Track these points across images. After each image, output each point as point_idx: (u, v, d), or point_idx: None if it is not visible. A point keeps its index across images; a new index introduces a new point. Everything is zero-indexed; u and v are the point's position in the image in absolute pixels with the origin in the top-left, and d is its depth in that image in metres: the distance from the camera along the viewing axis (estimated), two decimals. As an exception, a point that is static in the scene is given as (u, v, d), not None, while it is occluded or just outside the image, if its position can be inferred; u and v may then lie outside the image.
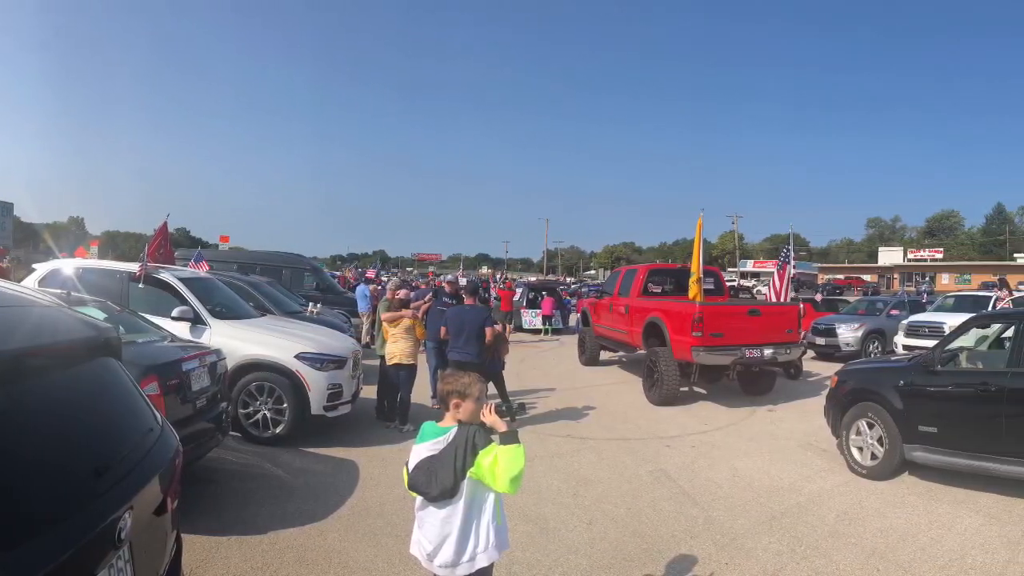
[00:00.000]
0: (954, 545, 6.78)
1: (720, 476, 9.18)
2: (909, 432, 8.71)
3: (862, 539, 6.96)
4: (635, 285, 17.73)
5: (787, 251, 18.87)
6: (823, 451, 10.36)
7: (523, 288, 35.14)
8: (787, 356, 14.66)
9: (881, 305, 25.94)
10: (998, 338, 10.13)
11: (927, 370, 8.84)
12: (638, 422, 12.59)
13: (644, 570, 6.25)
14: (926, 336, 19.53)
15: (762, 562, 6.41)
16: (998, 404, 7.98)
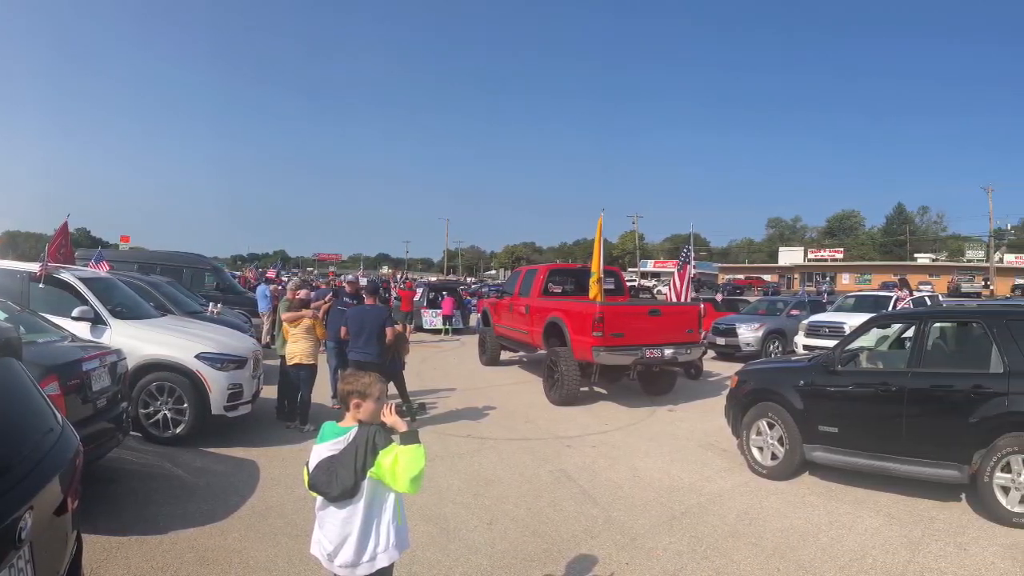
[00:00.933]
0: (854, 545, 6.89)
1: (620, 476, 9.27)
2: (809, 432, 8.89)
3: (762, 539, 7.06)
4: (535, 285, 17.75)
5: (687, 251, 19.08)
6: (723, 451, 10.51)
7: (424, 288, 35.24)
8: (687, 356, 14.81)
9: (781, 305, 26.33)
10: (898, 338, 10.30)
11: (827, 370, 9.00)
12: (539, 422, 12.69)
13: (544, 570, 6.30)
14: (826, 336, 19.82)
15: (662, 562, 6.47)
16: (898, 404, 8.17)
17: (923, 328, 8.66)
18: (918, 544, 6.89)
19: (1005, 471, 7.29)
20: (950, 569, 6.30)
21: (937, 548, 6.78)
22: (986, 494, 7.40)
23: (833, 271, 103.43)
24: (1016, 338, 7.77)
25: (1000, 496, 7.29)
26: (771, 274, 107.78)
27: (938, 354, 9.25)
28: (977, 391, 7.70)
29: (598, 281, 14.56)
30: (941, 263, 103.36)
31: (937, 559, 6.52)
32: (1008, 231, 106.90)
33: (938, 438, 7.95)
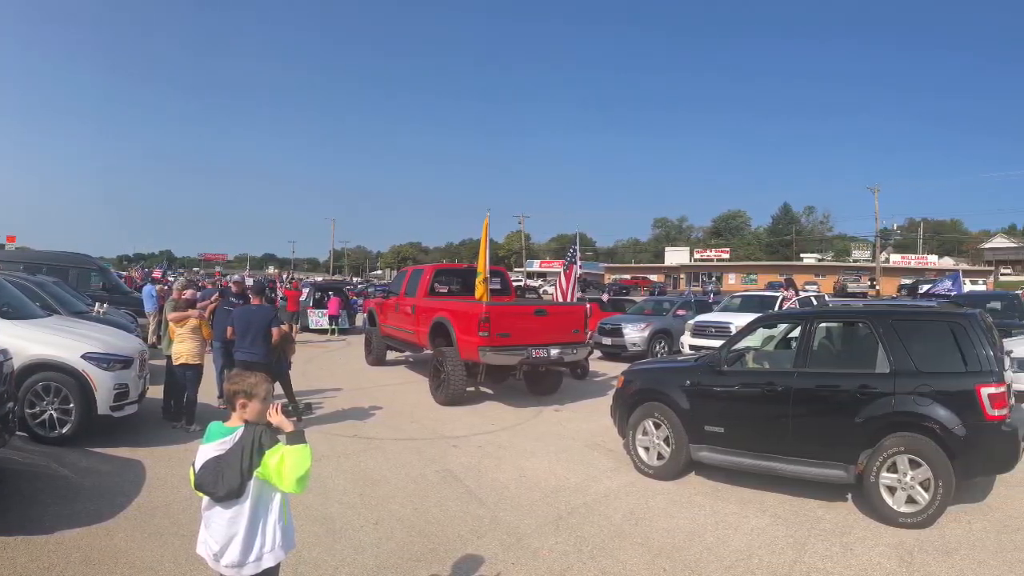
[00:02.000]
0: (740, 545, 6.97)
1: (507, 476, 9.32)
2: (695, 432, 8.98)
3: (649, 539, 7.11)
4: (422, 285, 17.67)
5: (574, 251, 19.10)
6: (610, 451, 10.55)
7: (310, 288, 35.02)
8: (574, 356, 14.80)
9: (668, 305, 26.37)
10: (785, 338, 10.50)
11: (714, 370, 9.09)
12: (425, 422, 12.69)
13: (431, 570, 6.33)
14: (712, 336, 19.93)
15: (548, 562, 6.50)
16: (784, 404, 8.32)
17: (809, 328, 8.78)
18: (804, 544, 6.99)
19: (891, 471, 7.51)
20: (836, 569, 6.40)
21: (823, 548, 6.87)
22: (872, 494, 7.58)
23: (719, 271, 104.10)
24: (902, 338, 7.94)
25: (886, 496, 7.50)
26: (657, 274, 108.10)
27: (824, 354, 9.45)
28: (863, 391, 7.88)
29: (484, 281, 14.67)
30: (827, 263, 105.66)
31: (823, 559, 6.61)
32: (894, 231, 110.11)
33: (824, 438, 8.10)
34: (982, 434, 7.31)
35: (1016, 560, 6.50)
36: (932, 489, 7.27)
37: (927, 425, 7.44)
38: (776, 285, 45.85)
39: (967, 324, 7.79)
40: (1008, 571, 6.29)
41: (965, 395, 7.40)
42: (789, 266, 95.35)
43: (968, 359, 7.54)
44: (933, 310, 8.95)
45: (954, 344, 7.69)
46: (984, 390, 7.29)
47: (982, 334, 7.68)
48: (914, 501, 7.40)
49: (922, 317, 8.44)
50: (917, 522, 7.28)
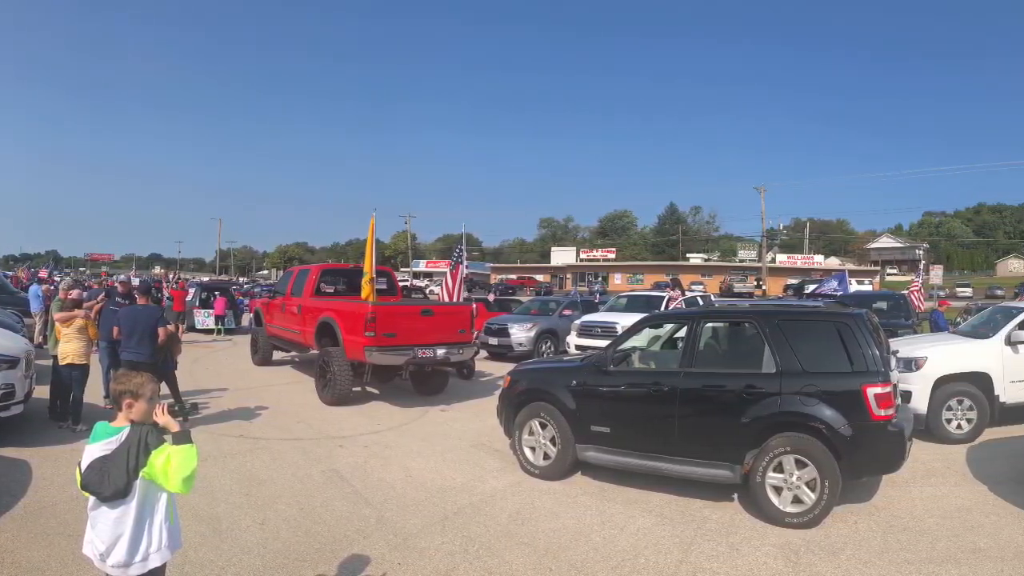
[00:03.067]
0: (627, 545, 6.96)
1: (393, 476, 9.27)
2: (582, 432, 8.95)
3: (535, 539, 7.10)
4: (308, 285, 17.58)
5: (460, 251, 19.35)
6: (496, 451, 10.55)
7: (196, 288, 34.65)
8: (460, 356, 14.85)
9: (554, 305, 26.33)
10: (671, 338, 10.44)
11: (600, 370, 9.04)
12: (311, 422, 12.59)
13: (317, 570, 6.28)
14: (599, 336, 19.90)
15: (435, 562, 6.49)
16: (671, 404, 8.33)
17: (695, 328, 8.77)
18: (690, 544, 6.99)
19: (777, 471, 7.57)
20: (722, 569, 6.42)
21: (709, 548, 6.89)
22: (758, 494, 7.61)
23: (606, 271, 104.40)
24: (788, 338, 7.99)
25: (772, 496, 7.55)
26: (543, 274, 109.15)
27: (710, 354, 9.47)
28: (749, 391, 7.92)
29: (370, 281, 14.60)
30: (714, 263, 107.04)
31: (709, 559, 6.63)
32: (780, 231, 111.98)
33: (710, 438, 8.14)
34: (868, 434, 7.40)
35: (902, 560, 6.56)
36: (818, 489, 7.33)
37: (813, 425, 7.49)
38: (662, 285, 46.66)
39: (853, 324, 7.87)
40: (894, 571, 6.34)
41: (851, 395, 7.47)
42: (675, 266, 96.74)
43: (854, 359, 7.61)
44: (819, 310, 9.02)
45: (840, 344, 7.75)
46: (870, 390, 7.37)
47: (868, 334, 7.76)
48: (800, 501, 7.44)
49: (808, 317, 8.51)
50: (803, 522, 7.33)
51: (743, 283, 79.42)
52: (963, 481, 9.09)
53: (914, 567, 6.40)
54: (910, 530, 7.30)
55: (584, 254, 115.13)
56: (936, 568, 6.37)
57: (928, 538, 7.08)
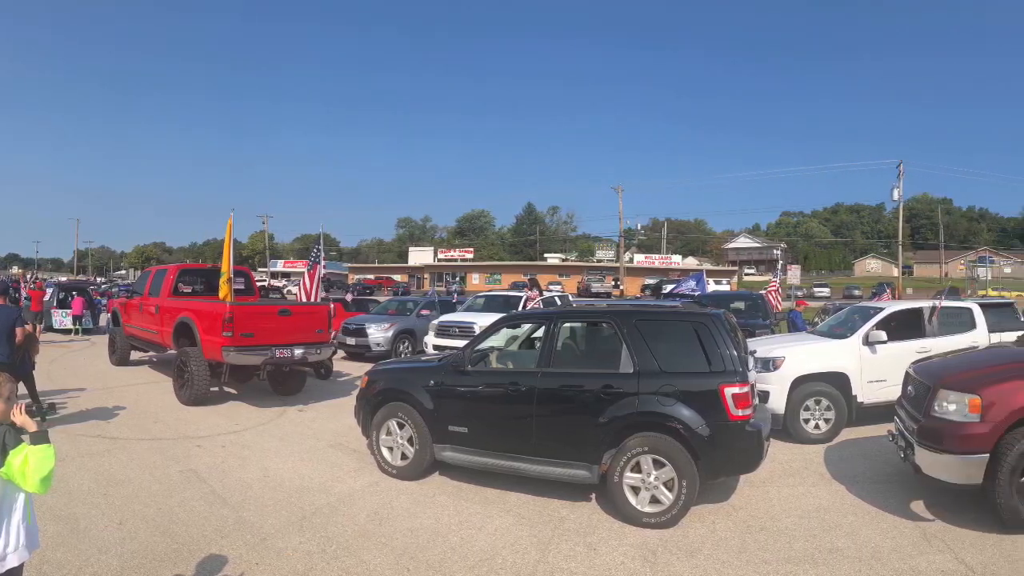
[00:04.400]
0: (484, 545, 6.89)
1: (251, 476, 9.12)
2: (439, 432, 8.83)
3: (392, 539, 7.01)
4: (165, 285, 17.32)
5: (317, 251, 18.88)
6: (354, 451, 10.42)
7: (53, 288, 34.26)
8: (317, 356, 14.69)
9: (411, 305, 26.28)
10: (529, 338, 10.40)
11: (457, 370, 8.91)
12: (169, 422, 12.34)
13: (175, 570, 6.15)
14: (456, 336, 19.77)
15: (292, 562, 6.39)
16: (528, 404, 8.23)
17: (553, 328, 8.68)
18: (548, 544, 6.93)
19: (635, 471, 7.51)
20: (580, 569, 6.35)
21: (567, 548, 6.82)
22: (616, 494, 7.54)
23: (463, 271, 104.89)
24: (646, 338, 7.93)
25: (630, 496, 7.49)
26: (401, 274, 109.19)
27: (568, 354, 9.43)
28: (607, 391, 7.83)
29: (228, 281, 14.16)
30: (571, 263, 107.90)
31: (567, 559, 6.56)
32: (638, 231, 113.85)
33: (568, 438, 8.03)
34: (726, 434, 7.38)
35: (759, 560, 6.53)
36: (676, 489, 7.32)
37: (671, 425, 7.45)
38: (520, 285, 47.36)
39: (711, 324, 7.85)
40: (752, 571, 6.31)
41: (709, 395, 7.46)
42: (533, 266, 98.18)
43: (712, 359, 7.60)
44: (677, 310, 8.94)
45: (698, 344, 7.73)
46: (728, 390, 7.38)
47: (726, 334, 7.76)
48: (658, 501, 7.40)
49: (666, 317, 8.43)
50: (661, 522, 7.30)
51: (601, 283, 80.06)
52: (821, 481, 9.11)
53: (772, 567, 6.38)
54: (768, 530, 7.27)
55: (442, 254, 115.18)
56: (794, 568, 6.36)
57: (786, 538, 7.06)
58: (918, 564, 6.40)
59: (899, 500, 8.15)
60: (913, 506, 7.93)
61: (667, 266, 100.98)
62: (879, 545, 6.87)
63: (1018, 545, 6.70)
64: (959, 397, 7.30)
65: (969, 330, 12.94)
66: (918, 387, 8.23)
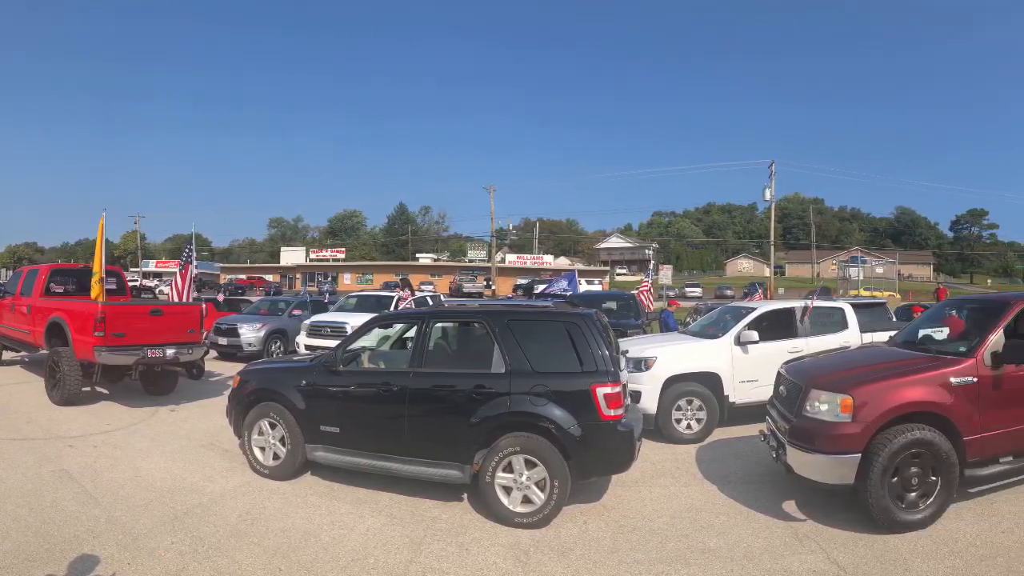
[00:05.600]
0: (356, 545, 6.84)
1: (122, 476, 8.93)
2: (311, 432, 8.74)
3: (264, 539, 6.93)
4: (37, 285, 16.96)
5: (189, 251, 18.63)
6: (226, 451, 10.27)
7: None
8: (189, 356, 14.56)
9: (283, 305, 26.18)
10: (401, 338, 10.37)
11: (329, 370, 8.83)
12: (41, 422, 12.08)
13: (46, 570, 6.02)
14: (328, 336, 19.73)
15: (164, 562, 6.29)
16: (400, 404, 8.17)
17: (425, 328, 8.64)
18: (420, 544, 6.89)
19: (507, 471, 7.51)
20: (452, 569, 6.32)
21: (439, 548, 6.80)
22: (488, 494, 7.53)
23: (335, 271, 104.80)
24: (518, 338, 7.92)
25: (502, 496, 7.49)
26: (273, 274, 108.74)
27: (441, 354, 9.32)
28: (479, 391, 7.80)
29: (100, 281, 13.95)
30: (443, 263, 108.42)
31: (439, 559, 6.53)
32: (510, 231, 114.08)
33: (440, 438, 8.01)
34: (598, 434, 7.39)
35: (631, 560, 6.52)
36: (548, 489, 7.34)
37: (543, 425, 7.45)
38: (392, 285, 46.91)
39: (582, 324, 7.84)
40: (624, 571, 6.30)
41: (581, 395, 7.46)
42: (405, 266, 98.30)
43: (584, 359, 7.61)
44: (549, 310, 8.96)
45: (570, 344, 7.73)
46: (600, 390, 7.39)
47: (598, 334, 7.77)
48: (530, 501, 7.41)
49: (538, 317, 8.43)
50: (533, 522, 7.30)
51: (473, 283, 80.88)
52: (693, 481, 9.14)
53: (644, 567, 6.37)
54: (640, 530, 7.26)
55: (314, 254, 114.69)
56: (666, 568, 6.35)
57: (658, 538, 7.04)
58: (790, 564, 6.41)
59: (771, 500, 8.18)
60: (785, 506, 7.97)
61: (539, 266, 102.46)
62: (751, 545, 6.88)
63: (889, 545, 6.76)
64: (831, 397, 7.36)
65: (841, 330, 13.16)
66: (790, 387, 8.30)
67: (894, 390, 7.31)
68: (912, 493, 7.16)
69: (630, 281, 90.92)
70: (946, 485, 7.21)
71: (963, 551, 6.58)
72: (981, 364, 7.58)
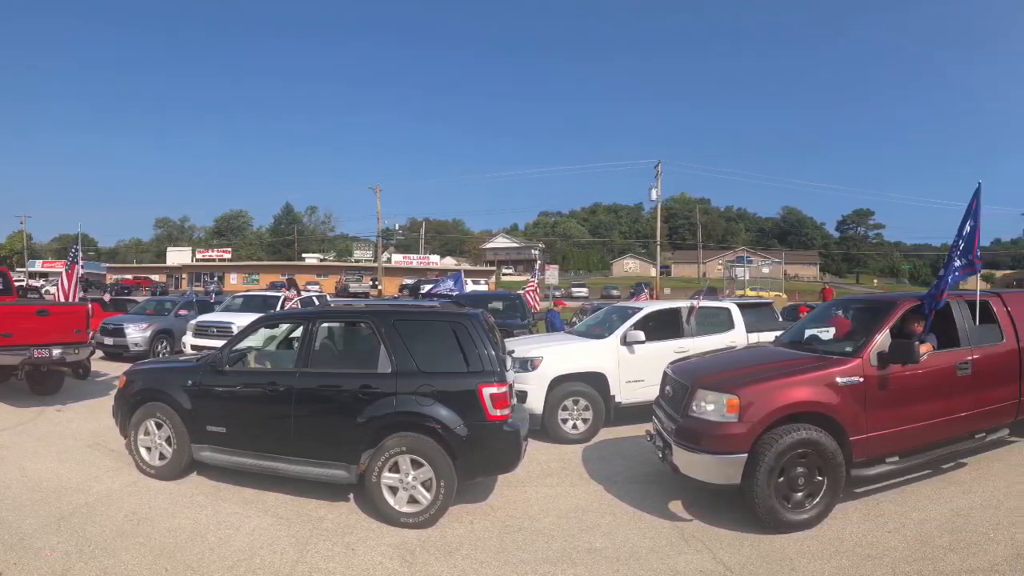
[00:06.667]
0: (243, 545, 6.79)
1: (8, 477, 8.85)
2: (198, 432, 8.67)
3: (151, 539, 6.87)
4: None
5: (75, 251, 18.34)
6: (112, 451, 10.13)
7: None
8: (76, 356, 14.35)
9: (170, 305, 25.90)
10: (287, 338, 10.29)
11: (215, 370, 8.76)
12: None
13: None
14: (215, 336, 19.62)
15: (50, 562, 6.21)
16: (287, 404, 8.13)
17: (311, 328, 8.59)
18: (306, 544, 6.86)
19: (393, 471, 7.50)
20: (338, 569, 6.31)
21: (325, 548, 6.77)
22: (374, 494, 7.51)
23: (222, 271, 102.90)
24: (404, 338, 7.94)
25: (388, 496, 7.48)
26: (160, 274, 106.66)
27: (327, 354, 9.32)
28: (365, 391, 7.80)
29: None
30: (330, 263, 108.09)
31: (325, 559, 6.51)
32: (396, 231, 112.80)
33: (327, 438, 7.98)
34: (484, 434, 7.46)
35: (518, 560, 6.52)
36: (434, 489, 7.35)
37: (429, 425, 7.48)
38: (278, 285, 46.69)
39: (469, 324, 7.91)
40: (510, 571, 6.31)
41: (467, 395, 7.51)
42: (291, 266, 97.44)
43: (470, 359, 7.66)
44: (435, 310, 9.02)
45: (456, 344, 7.78)
46: (486, 390, 7.46)
47: (484, 334, 7.83)
48: (416, 501, 7.42)
49: (424, 317, 8.42)
50: (419, 522, 7.31)
51: (359, 283, 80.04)
52: (579, 481, 9.15)
53: (530, 567, 6.38)
54: (526, 530, 7.26)
55: (200, 254, 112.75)
56: (552, 568, 6.35)
57: (544, 538, 7.05)
58: (676, 564, 6.44)
59: (657, 500, 8.20)
60: (671, 506, 8.00)
61: (425, 266, 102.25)
62: (637, 545, 6.90)
63: (775, 545, 6.81)
64: (717, 397, 7.41)
65: (727, 330, 13.33)
66: (676, 387, 8.37)
67: (780, 390, 7.41)
68: (798, 493, 7.22)
69: (516, 281, 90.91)
70: (832, 485, 7.29)
71: (849, 551, 6.65)
72: (867, 364, 7.74)
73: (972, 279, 9.30)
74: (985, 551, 6.55)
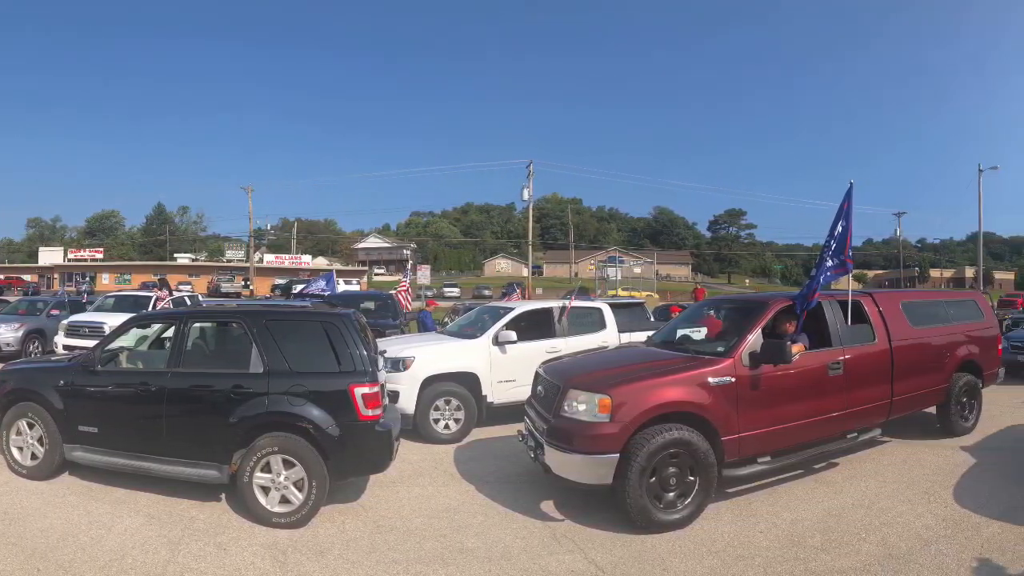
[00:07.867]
0: (114, 545, 6.72)
1: None
2: (70, 432, 8.50)
3: (22, 539, 6.81)
4: None
5: None
6: None
7: None
8: None
9: (42, 305, 25.49)
10: (159, 338, 10.10)
11: (87, 370, 8.61)
12: None
13: None
14: (87, 336, 19.33)
15: None
16: (158, 404, 8.05)
17: (183, 328, 8.51)
18: (178, 544, 6.81)
19: (265, 471, 7.46)
20: (210, 569, 6.29)
21: (197, 548, 6.73)
22: (246, 494, 7.47)
23: (94, 271, 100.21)
24: (276, 338, 7.92)
25: (260, 496, 7.44)
26: (31, 274, 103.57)
27: (199, 354, 9.24)
28: (237, 391, 7.77)
29: None
30: (202, 263, 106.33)
31: (197, 559, 6.47)
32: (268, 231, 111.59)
33: (198, 438, 7.91)
34: (356, 434, 7.51)
35: (389, 560, 6.54)
36: (306, 489, 7.37)
37: (301, 425, 7.48)
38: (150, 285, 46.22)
39: (340, 324, 7.94)
40: (382, 571, 6.32)
41: (339, 395, 7.55)
42: (163, 266, 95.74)
43: (342, 359, 7.70)
44: (307, 310, 9.07)
45: (328, 344, 7.80)
46: (358, 390, 7.50)
47: (355, 334, 7.87)
48: (288, 501, 7.42)
49: (296, 317, 8.48)
50: (291, 522, 7.31)
51: (231, 283, 79.15)
52: (451, 481, 9.20)
53: (402, 567, 6.40)
54: (398, 530, 7.29)
55: (72, 254, 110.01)
56: (424, 568, 6.38)
57: (416, 538, 7.08)
58: (548, 564, 6.48)
59: (529, 500, 8.27)
60: (543, 506, 8.07)
61: (297, 266, 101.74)
62: (509, 545, 6.94)
63: (647, 545, 6.89)
64: (589, 397, 7.46)
65: (599, 330, 13.47)
66: (548, 387, 8.43)
67: (652, 390, 7.51)
68: (670, 493, 7.32)
69: (388, 281, 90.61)
70: (704, 485, 7.41)
71: (721, 551, 6.76)
72: (739, 364, 7.91)
73: (844, 279, 9.57)
74: (857, 551, 6.72)
